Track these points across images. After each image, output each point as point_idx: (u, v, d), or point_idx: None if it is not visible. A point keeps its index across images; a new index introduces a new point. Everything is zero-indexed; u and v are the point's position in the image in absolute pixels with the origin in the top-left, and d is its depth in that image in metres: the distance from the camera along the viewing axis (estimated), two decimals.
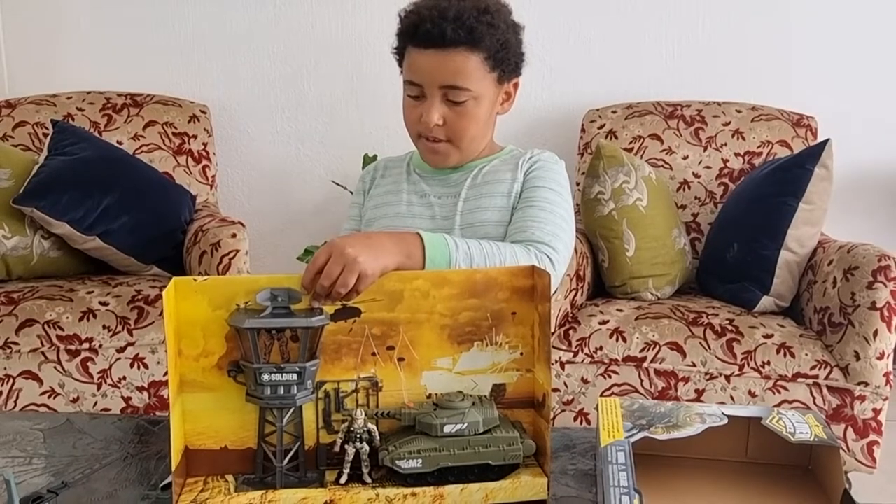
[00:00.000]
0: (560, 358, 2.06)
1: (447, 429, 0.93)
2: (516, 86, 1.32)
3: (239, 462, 0.94)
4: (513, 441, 0.94)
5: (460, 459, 0.93)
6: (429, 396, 0.98)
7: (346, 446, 0.93)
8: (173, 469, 0.88)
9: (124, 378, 2.05)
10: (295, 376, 0.91)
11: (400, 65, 1.28)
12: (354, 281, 0.92)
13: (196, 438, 0.92)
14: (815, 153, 2.17)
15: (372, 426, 0.93)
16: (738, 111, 2.63)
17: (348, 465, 0.93)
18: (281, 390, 0.91)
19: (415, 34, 1.21)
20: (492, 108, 1.28)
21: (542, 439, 0.97)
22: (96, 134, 2.62)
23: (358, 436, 0.92)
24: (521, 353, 1.00)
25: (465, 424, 0.93)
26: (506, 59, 1.25)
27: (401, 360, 0.97)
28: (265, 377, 0.90)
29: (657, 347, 2.02)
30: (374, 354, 0.96)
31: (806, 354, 1.97)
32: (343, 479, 0.92)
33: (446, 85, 1.21)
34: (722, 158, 2.57)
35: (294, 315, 0.92)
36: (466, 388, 0.98)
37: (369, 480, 0.93)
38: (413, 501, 0.91)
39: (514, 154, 1.33)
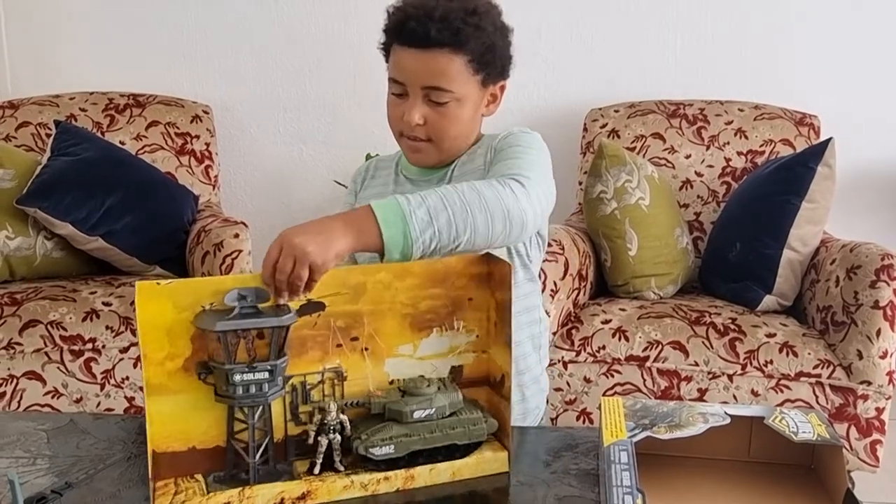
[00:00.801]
0: (563, 357, 2.06)
1: (417, 414, 0.97)
2: (503, 88, 1.30)
3: (207, 461, 0.94)
4: (477, 421, 1.00)
5: (430, 442, 0.97)
6: (391, 382, 1.01)
7: (318, 438, 0.95)
8: (150, 474, 0.89)
9: (127, 378, 2.05)
10: (267, 374, 0.91)
11: (387, 61, 1.28)
12: (308, 273, 0.91)
13: (163, 442, 0.91)
14: (817, 152, 2.17)
15: (344, 417, 0.96)
16: (741, 110, 2.62)
17: (321, 455, 0.95)
18: (252, 389, 0.91)
19: (400, 32, 1.20)
20: (475, 109, 1.26)
21: (501, 416, 1.02)
22: (99, 134, 2.63)
23: (331, 427, 0.95)
24: (477, 336, 1.05)
25: (434, 409, 0.97)
26: (491, 62, 1.23)
27: (365, 349, 1.00)
28: (237, 377, 0.90)
29: (660, 347, 2.02)
30: (339, 346, 0.98)
31: (809, 353, 1.97)
32: (317, 470, 0.95)
33: (428, 85, 1.20)
34: (724, 157, 2.57)
35: (263, 314, 0.91)
36: (426, 372, 1.02)
37: (342, 468, 0.95)
38: (386, 485, 0.95)
39: (491, 137, 1.31)
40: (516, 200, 1.05)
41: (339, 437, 0.95)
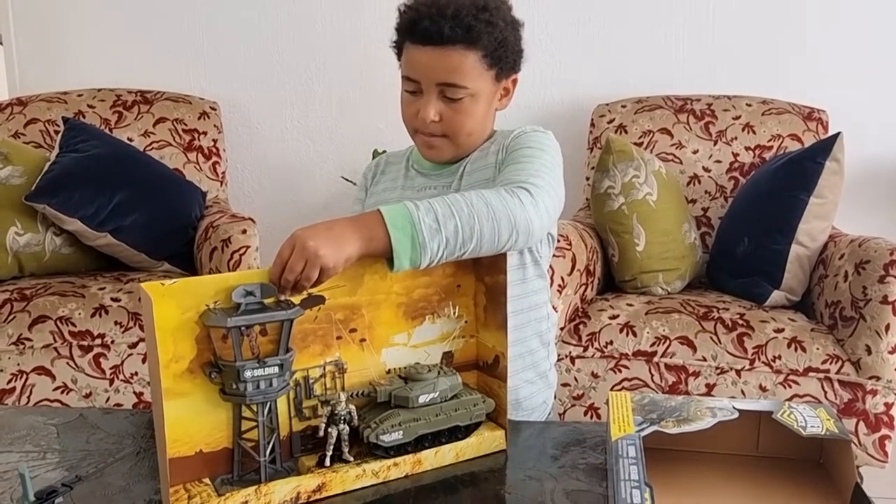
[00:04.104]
0: (570, 353, 2.06)
1: (422, 399, 1.00)
2: (515, 82, 1.30)
3: (214, 464, 0.94)
4: (477, 402, 1.05)
5: (435, 426, 1.02)
6: (388, 371, 1.04)
7: (328, 429, 0.96)
8: (162, 480, 0.89)
9: (136, 373, 2.06)
10: (277, 369, 0.92)
11: (399, 59, 1.28)
12: (317, 275, 0.91)
13: (170, 447, 0.89)
14: (826, 147, 2.16)
15: (352, 407, 0.98)
16: (749, 105, 2.62)
17: (331, 446, 0.96)
18: (262, 385, 0.91)
19: (412, 30, 1.21)
20: (489, 104, 1.27)
21: (496, 396, 1.08)
22: (107, 131, 2.64)
23: (342, 418, 0.97)
24: (466, 321, 1.10)
25: (437, 393, 1.02)
26: (504, 57, 1.24)
27: (362, 340, 1.02)
28: (248, 373, 0.90)
29: (667, 342, 2.02)
30: (339, 338, 1.00)
31: (817, 349, 1.96)
32: (327, 462, 0.96)
33: (443, 82, 1.21)
34: (732, 152, 2.56)
35: (269, 309, 0.91)
36: (420, 359, 1.06)
37: (351, 459, 0.98)
38: (396, 471, 0.99)
39: (503, 134, 1.31)
40: (523, 210, 1.05)
41: (347, 428, 0.97)
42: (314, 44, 2.95)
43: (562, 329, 2.08)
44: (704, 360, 2.00)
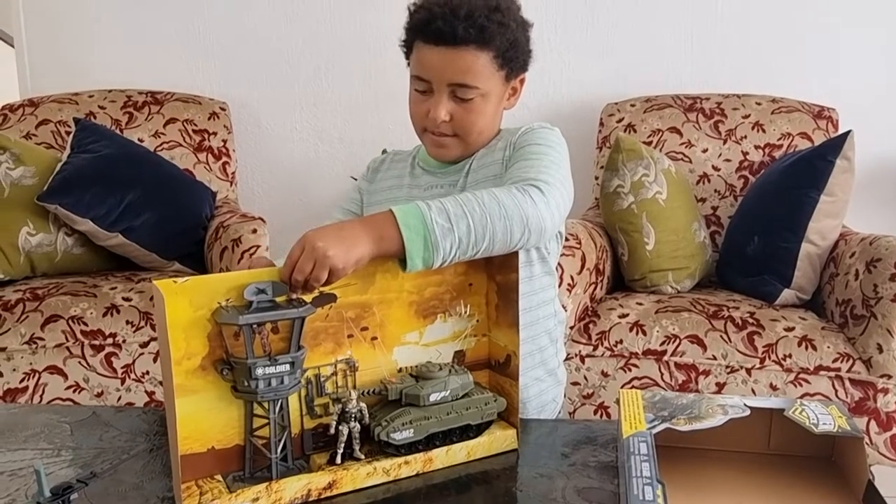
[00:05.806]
0: (580, 351, 2.06)
1: (433, 397, 1.01)
2: (522, 81, 1.31)
3: (226, 461, 0.94)
4: (488, 401, 1.05)
5: (445, 424, 1.02)
6: (399, 370, 1.04)
7: (339, 427, 0.97)
8: (174, 476, 0.89)
9: (147, 373, 2.07)
10: (288, 367, 0.92)
11: (407, 58, 1.28)
12: (326, 276, 0.91)
13: (182, 444, 0.89)
14: (836, 145, 2.15)
15: (363, 405, 0.98)
16: (758, 104, 2.61)
17: (342, 444, 0.97)
18: (273, 382, 0.92)
19: (425, 30, 1.21)
20: (499, 103, 1.28)
21: (508, 396, 1.08)
22: (118, 132, 2.65)
23: (353, 415, 0.97)
24: (478, 320, 1.10)
25: (448, 391, 1.02)
26: (514, 58, 1.24)
27: (374, 338, 1.02)
28: (259, 371, 0.91)
29: (677, 341, 2.02)
30: (350, 336, 1.00)
31: (828, 347, 1.96)
32: (338, 460, 0.97)
33: (454, 82, 1.21)
34: (742, 151, 2.56)
35: (281, 307, 0.92)
36: (432, 358, 1.07)
37: (362, 457, 0.98)
38: (406, 469, 0.99)
39: (510, 131, 1.32)
40: (535, 208, 1.05)
41: (358, 426, 0.97)
42: (323, 44, 2.96)
43: (571, 328, 2.08)
44: (714, 358, 1.99)
